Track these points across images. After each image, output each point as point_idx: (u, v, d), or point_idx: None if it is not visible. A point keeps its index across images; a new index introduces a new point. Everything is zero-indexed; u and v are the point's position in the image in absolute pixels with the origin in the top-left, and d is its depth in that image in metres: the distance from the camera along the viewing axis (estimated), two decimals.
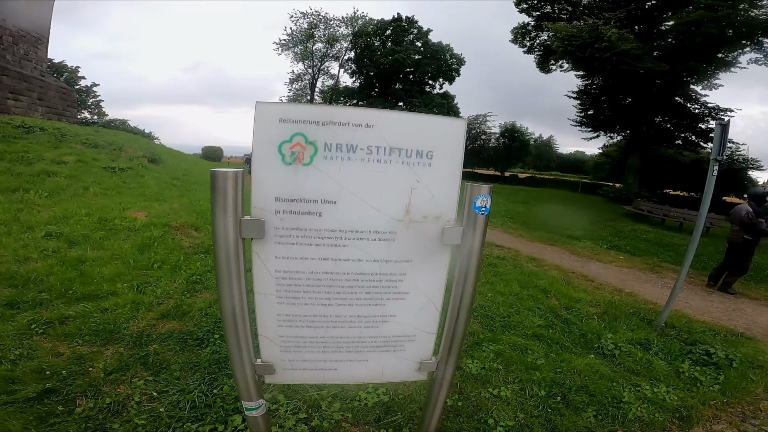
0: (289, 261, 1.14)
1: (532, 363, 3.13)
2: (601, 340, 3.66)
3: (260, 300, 1.18)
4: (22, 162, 8.81)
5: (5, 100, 12.64)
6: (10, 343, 2.77)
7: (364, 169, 1.09)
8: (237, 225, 1.07)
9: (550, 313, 4.22)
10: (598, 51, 16.49)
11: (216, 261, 1.09)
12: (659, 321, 4.15)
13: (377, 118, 1.08)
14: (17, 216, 5.91)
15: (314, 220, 1.11)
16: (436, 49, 40.57)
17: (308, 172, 1.08)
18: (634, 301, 5.04)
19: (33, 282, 3.74)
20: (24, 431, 2.01)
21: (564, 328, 3.89)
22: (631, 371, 3.23)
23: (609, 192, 23.00)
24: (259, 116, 1.04)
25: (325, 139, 1.07)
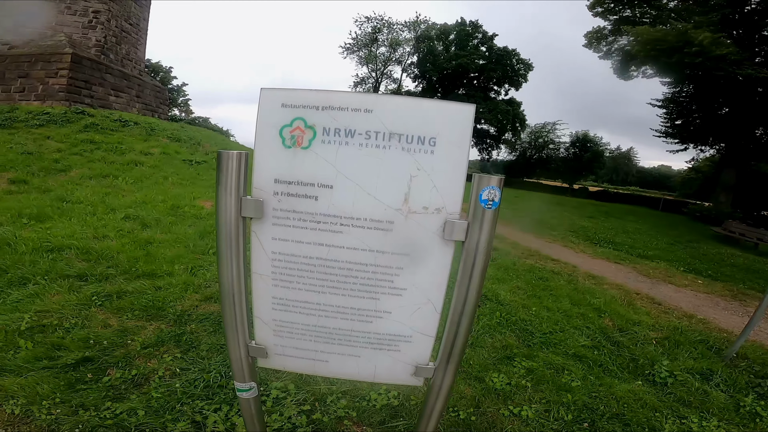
0: (284, 243, 1.14)
1: (566, 384, 2.87)
2: (654, 367, 3.28)
3: (256, 280, 1.19)
4: (116, 152, 9.98)
5: (107, 96, 14.40)
6: (70, 312, 3.08)
7: (361, 154, 1.06)
8: (238, 204, 1.10)
9: (600, 333, 3.86)
10: (688, 56, 14.89)
11: (217, 239, 1.13)
12: (730, 351, 3.65)
13: (376, 103, 1.05)
14: (104, 199, 6.70)
15: (310, 203, 1.10)
16: (501, 53, 39.39)
17: (306, 156, 1.07)
18: (705, 329, 4.45)
19: (105, 258, 4.19)
20: (51, 394, 2.19)
21: (612, 351, 3.53)
22: (681, 402, 2.86)
23: (695, 211, 20.60)
24: (263, 101, 1.07)
25: (324, 123, 1.06)
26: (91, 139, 10.23)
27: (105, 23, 14.48)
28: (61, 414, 2.07)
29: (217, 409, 2.18)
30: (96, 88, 13.82)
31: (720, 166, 21.81)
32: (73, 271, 3.81)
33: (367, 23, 40.58)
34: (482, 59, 39.61)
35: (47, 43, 13.13)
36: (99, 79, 14.01)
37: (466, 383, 2.72)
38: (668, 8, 18.52)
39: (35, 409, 2.09)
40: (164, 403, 2.21)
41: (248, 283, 1.20)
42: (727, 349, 3.73)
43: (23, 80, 12.64)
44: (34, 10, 13.22)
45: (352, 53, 41.90)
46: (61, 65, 12.65)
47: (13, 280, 3.47)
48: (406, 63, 42.48)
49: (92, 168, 8.63)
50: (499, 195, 1.05)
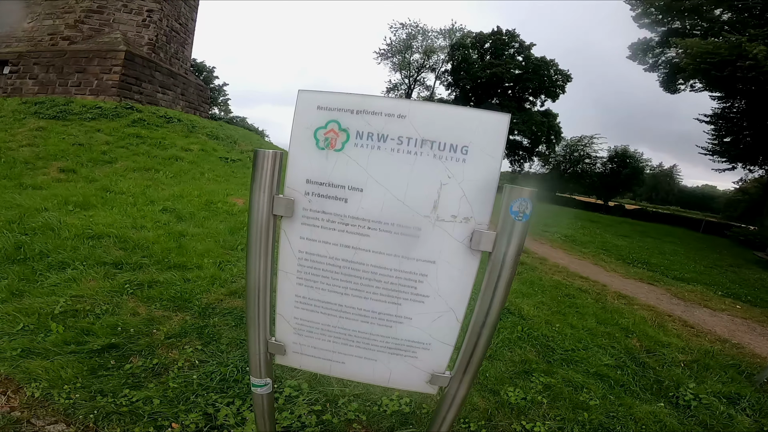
0: (312, 243, 1.16)
1: (583, 402, 2.77)
2: (679, 389, 3.14)
3: (282, 278, 1.22)
4: (159, 147, 10.47)
5: (155, 93, 15.16)
6: (103, 298, 3.21)
7: (392, 159, 1.07)
8: (270, 202, 1.13)
9: (625, 353, 3.70)
10: (741, 70, 14.11)
11: (248, 235, 1.16)
12: (761, 375, 3.49)
13: (410, 109, 1.06)
14: (145, 191, 7.03)
15: (340, 205, 1.12)
16: (538, 64, 38.59)
17: (339, 158, 1.09)
18: (738, 353, 4.20)
19: (140, 247, 4.38)
20: (73, 379, 2.27)
21: (637, 371, 3.39)
22: (702, 425, 2.73)
23: (739, 234, 19.37)
24: (300, 103, 1.10)
25: (358, 127, 1.07)
26: (138, 133, 10.77)
27: (157, 22, 15.28)
28: (79, 399, 2.14)
29: (230, 403, 2.22)
30: (145, 85, 14.60)
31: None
32: (110, 258, 3.99)
33: (402, 30, 40.83)
34: (518, 69, 38.97)
35: (104, 40, 13.97)
36: (149, 76, 14.78)
37: (480, 395, 2.67)
38: (721, 20, 17.65)
39: (55, 392, 2.16)
40: (180, 393, 2.26)
41: (273, 280, 1.23)
42: (759, 373, 3.58)
43: (80, 75, 13.51)
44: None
45: (386, 59, 42.21)
46: (115, 62, 13.45)
47: (53, 264, 3.68)
48: (440, 71, 42.42)
49: (136, 161, 9.09)
50: (530, 207, 1.03)
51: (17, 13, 14.42)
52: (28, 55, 13.89)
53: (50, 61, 13.74)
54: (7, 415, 1.99)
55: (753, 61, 13.65)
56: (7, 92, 13.63)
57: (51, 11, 14.47)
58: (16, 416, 2.00)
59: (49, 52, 13.89)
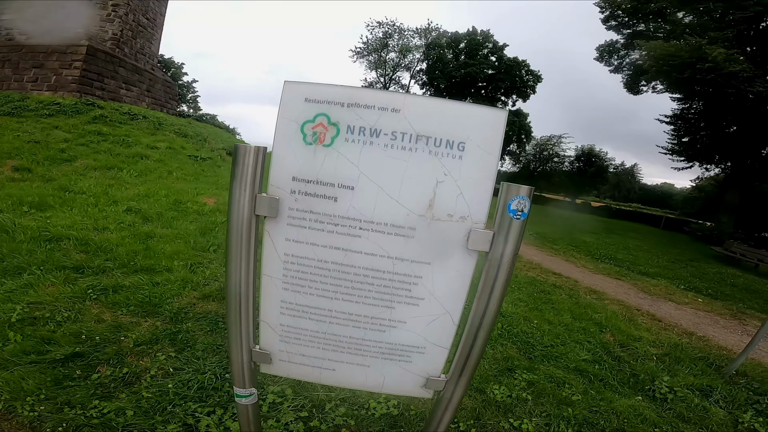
0: (298, 245, 1.09)
1: (567, 398, 2.83)
2: (655, 383, 3.27)
3: (266, 282, 1.14)
4: (123, 144, 9.96)
5: (119, 89, 14.44)
6: (63, 305, 2.99)
7: (385, 155, 1.01)
8: (252, 201, 1.04)
9: (601, 348, 3.82)
10: (700, 72, 14.88)
11: (227, 237, 1.07)
12: (730, 368, 3.67)
13: (404, 102, 1.00)
14: (107, 191, 6.66)
15: (329, 204, 1.05)
16: (511, 64, 39.49)
17: (328, 154, 1.02)
18: (705, 346, 4.44)
19: (103, 250, 4.12)
20: (36, 390, 2.11)
21: (613, 366, 3.51)
22: (680, 417, 2.85)
23: (697, 230, 20.54)
24: (286, 95, 1.02)
25: (348, 121, 1.00)
26: (99, 130, 10.21)
27: (123, 17, 14.56)
28: (45, 411, 1.99)
29: (211, 413, 2.11)
30: (108, 80, 13.88)
31: (724, 186, 21.75)
32: (70, 262, 3.74)
33: (379, 28, 40.76)
34: (491, 69, 39.69)
35: (65, 35, 13.21)
36: (112, 72, 14.06)
37: (467, 394, 2.67)
38: (683, 23, 18.53)
39: (18, 405, 2.01)
40: (155, 403, 2.13)
41: (257, 285, 1.14)
42: (727, 366, 3.75)
43: (37, 70, 12.70)
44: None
45: (362, 57, 42.04)
46: (76, 57, 12.71)
47: (8, 269, 3.40)
48: (415, 69, 42.62)
49: (97, 159, 8.60)
50: (528, 205, 1.00)
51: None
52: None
53: (5, 56, 12.87)
54: None
55: (712, 63, 14.41)
56: None
57: (7, 6, 13.53)
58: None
59: (5, 47, 13.00)
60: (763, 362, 4.16)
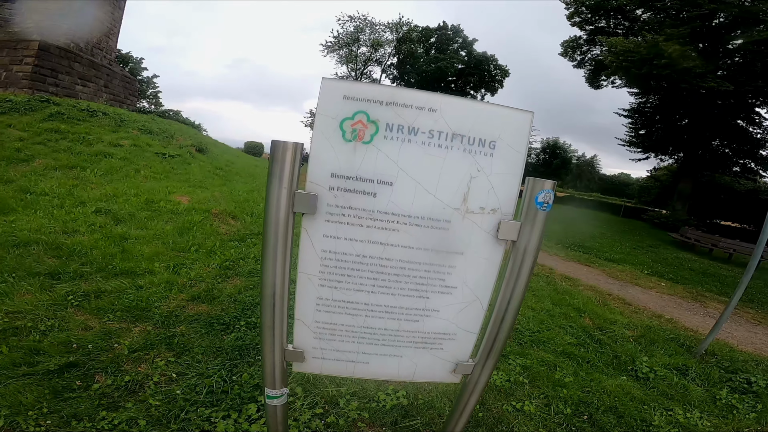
0: (337, 241, 1.12)
1: (560, 380, 3.01)
2: (636, 363, 3.52)
3: (302, 280, 1.16)
4: (83, 142, 9.42)
5: (74, 85, 13.61)
6: (44, 313, 2.86)
7: (423, 152, 1.06)
8: (290, 198, 1.05)
9: (583, 332, 4.06)
10: (657, 68, 15.74)
11: (264, 235, 1.08)
12: (700, 348, 3.98)
13: (441, 103, 1.05)
14: (72, 191, 6.31)
15: (368, 200, 1.08)
16: (480, 59, 40.18)
17: (367, 151, 1.06)
18: (674, 328, 4.81)
19: (77, 254, 3.92)
20: (36, 404, 2.03)
21: (596, 348, 3.74)
22: (664, 395, 3.09)
23: (654, 218, 21.85)
24: (324, 92, 1.03)
25: (388, 119, 1.04)
26: (56, 128, 9.61)
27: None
28: (51, 425, 1.91)
29: (226, 417, 2.08)
30: (62, 76, 13.05)
31: (677, 176, 23.20)
32: (43, 268, 3.54)
33: (350, 22, 40.24)
34: (461, 63, 40.23)
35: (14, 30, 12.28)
36: (66, 67, 13.23)
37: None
38: (641, 20, 19.46)
39: (21, 420, 1.91)
40: (165, 411, 2.08)
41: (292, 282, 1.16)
42: (697, 346, 4.04)
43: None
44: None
45: (333, 51, 41.36)
46: (27, 52, 11.88)
47: None
48: (386, 64, 42.45)
49: (57, 158, 8.09)
50: (553, 198, 1.08)
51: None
52: None
53: None
54: None
55: (668, 59, 15.26)
56: None
57: None
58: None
59: None
60: (727, 342, 4.55)
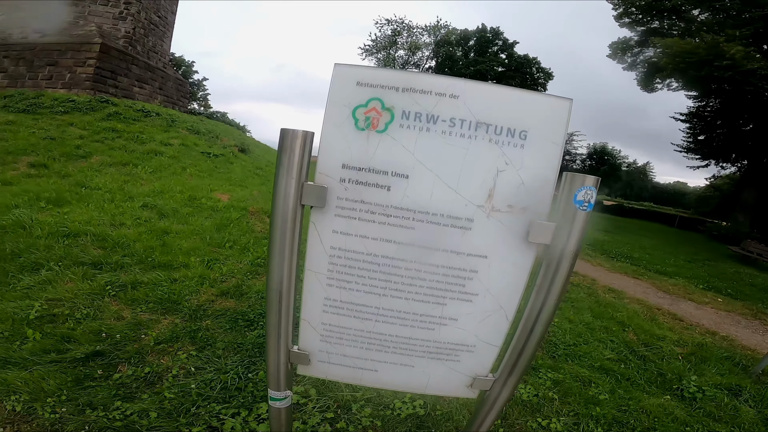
0: (347, 237, 1.03)
1: (594, 397, 2.77)
2: (683, 382, 3.22)
3: (309, 278, 1.08)
4: (137, 141, 10.02)
5: (132, 87, 14.55)
6: (82, 302, 2.96)
7: (444, 142, 0.95)
8: (299, 189, 0.98)
9: (625, 347, 3.76)
10: (718, 70, 14.57)
11: (270, 228, 1.02)
12: (757, 368, 3.63)
13: (464, 89, 0.94)
14: (123, 186, 6.68)
15: (382, 193, 0.99)
16: (521, 61, 39.05)
17: (381, 140, 0.96)
18: (730, 346, 4.37)
19: (121, 246, 4.10)
20: (56, 391, 2.07)
21: (639, 365, 3.45)
22: (711, 417, 2.80)
23: (713, 229, 20.14)
24: (336, 78, 0.96)
25: (404, 106, 0.95)
26: (113, 127, 10.29)
27: (135, 15, 14.64)
28: (66, 413, 1.95)
29: (235, 414, 2.06)
30: (121, 78, 13.99)
31: (740, 185, 21.31)
32: (88, 258, 3.71)
33: (388, 26, 40.49)
34: (501, 66, 39.33)
35: (78, 33, 13.32)
36: (125, 69, 14.17)
37: None
38: (699, 21, 18.17)
39: (38, 406, 1.97)
40: (178, 404, 2.09)
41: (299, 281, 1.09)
42: (754, 366, 3.70)
43: (51, 68, 12.85)
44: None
45: (371, 55, 41.72)
46: (89, 55, 12.82)
47: (26, 265, 3.38)
48: (424, 67, 42.25)
49: (112, 156, 8.65)
50: (595, 196, 0.94)
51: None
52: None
53: (20, 54, 13.00)
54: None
55: (730, 61, 14.09)
56: None
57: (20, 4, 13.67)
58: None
59: (18, 45, 13.14)
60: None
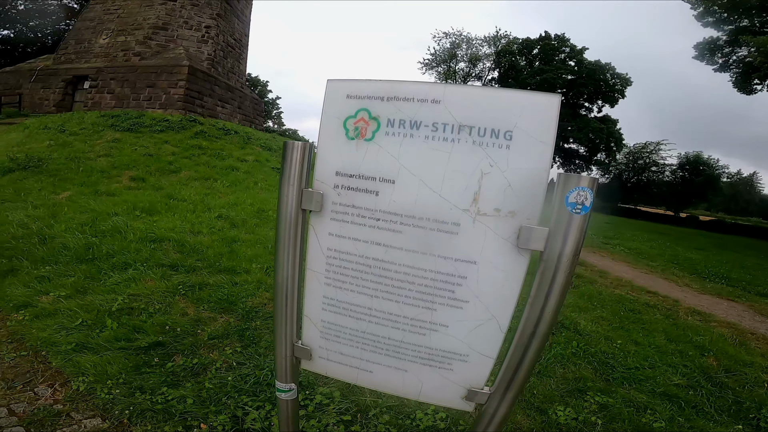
0: (341, 240, 1.09)
1: (647, 425, 2.46)
2: (762, 411, 2.77)
3: (309, 277, 1.15)
4: (218, 157, 11.11)
5: (215, 106, 16.18)
6: (157, 298, 3.35)
7: (426, 147, 0.97)
8: (299, 196, 1.08)
9: (699, 373, 3.30)
10: None
11: (276, 231, 1.11)
12: None
13: (444, 93, 0.96)
14: (204, 199, 7.44)
15: (371, 198, 1.04)
16: (593, 68, 36.51)
17: (369, 148, 1.02)
18: None
19: (196, 251, 4.57)
20: (117, 375, 2.34)
21: (712, 392, 3.01)
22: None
23: None
24: (329, 92, 1.05)
25: (389, 114, 1.00)
26: (199, 144, 11.52)
27: (214, 38, 16.29)
28: (119, 395, 2.20)
29: (260, 407, 2.18)
30: (206, 98, 15.62)
31: None
32: (168, 261, 4.20)
33: (446, 39, 40.33)
34: (570, 74, 37.19)
35: (169, 56, 15.10)
36: (209, 90, 15.81)
37: (524, 413, 2.45)
38: None
39: (99, 387, 2.25)
40: (213, 394, 2.27)
41: (303, 279, 1.17)
42: None
43: (150, 90, 14.71)
44: None
45: (431, 69, 41.74)
46: (180, 77, 14.52)
47: (117, 265, 3.93)
48: (486, 78, 41.36)
49: (197, 171, 9.70)
50: (590, 198, 0.88)
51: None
52: (105, 70, 15.33)
53: (124, 76, 15.06)
54: (49, 408, 2.09)
55: None
56: (88, 106, 15.10)
57: (123, 27, 15.87)
58: (57, 409, 2.09)
59: (123, 68, 15.22)
60: None
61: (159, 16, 15.58)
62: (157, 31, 15.63)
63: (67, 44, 16.71)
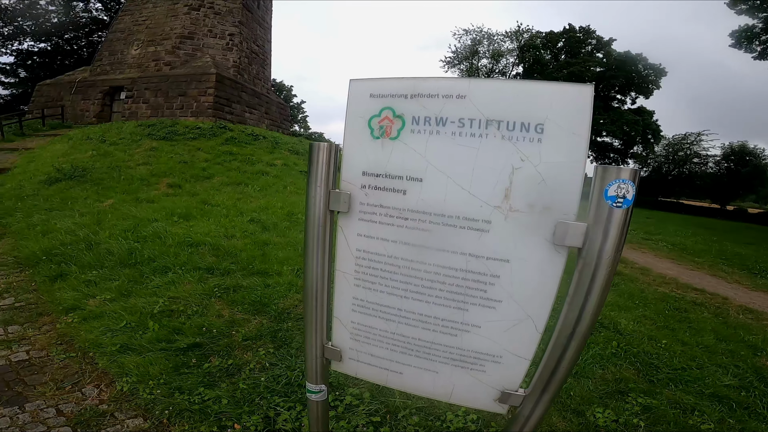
0: (369, 240, 1.08)
1: (694, 426, 2.32)
2: None
3: (339, 278, 1.15)
4: (248, 162, 11.40)
5: (243, 112, 16.61)
6: (194, 300, 3.46)
7: (453, 144, 0.95)
8: (326, 197, 1.08)
9: (752, 373, 3.08)
10: None
11: (305, 232, 1.12)
12: None
13: (470, 88, 0.93)
14: (236, 203, 7.65)
15: (398, 198, 1.02)
16: (622, 59, 34.88)
17: (395, 147, 1.01)
18: None
19: (230, 255, 4.70)
20: (158, 375, 2.42)
21: (765, 392, 2.78)
22: None
23: None
24: (352, 92, 1.05)
25: (413, 112, 0.98)
26: (230, 150, 11.87)
27: (239, 45, 16.70)
28: (160, 395, 2.28)
29: (291, 408, 2.21)
30: (235, 105, 16.07)
31: None
32: (204, 264, 4.34)
33: (466, 36, 39.47)
34: (599, 66, 35.71)
35: (197, 64, 15.59)
36: (237, 97, 16.25)
37: (560, 415, 2.35)
38: None
39: (141, 387, 2.34)
40: (247, 394, 2.32)
41: (332, 281, 1.17)
42: None
43: (182, 98, 15.25)
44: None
45: (453, 66, 40.96)
46: (208, 84, 15.00)
47: (158, 269, 4.10)
48: (511, 74, 40.25)
49: (229, 176, 10.00)
50: (632, 190, 0.83)
51: None
52: (139, 80, 16.04)
53: (157, 86, 15.69)
54: (95, 408, 2.20)
55: None
56: (126, 116, 15.85)
57: (152, 38, 16.52)
58: (102, 409, 2.19)
59: (155, 77, 15.84)
60: None
61: (184, 25, 16.12)
62: (184, 41, 16.17)
63: (101, 56, 17.56)
